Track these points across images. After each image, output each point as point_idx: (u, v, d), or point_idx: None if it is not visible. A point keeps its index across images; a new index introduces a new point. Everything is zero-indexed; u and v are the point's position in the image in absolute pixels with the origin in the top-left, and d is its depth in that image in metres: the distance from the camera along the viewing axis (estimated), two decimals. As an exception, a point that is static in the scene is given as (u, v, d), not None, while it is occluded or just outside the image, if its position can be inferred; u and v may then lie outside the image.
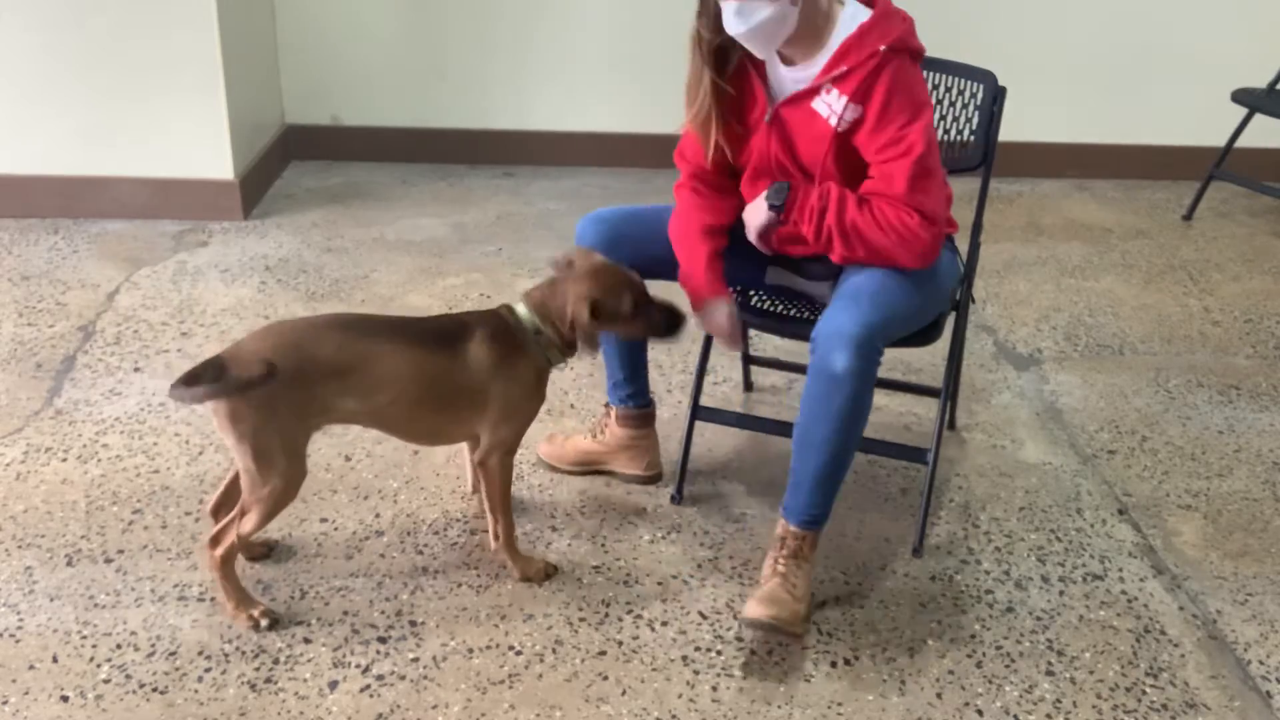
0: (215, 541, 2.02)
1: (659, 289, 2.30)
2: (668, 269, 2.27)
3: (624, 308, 2.09)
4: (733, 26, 2.02)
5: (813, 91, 2.08)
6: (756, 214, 2.15)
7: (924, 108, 2.05)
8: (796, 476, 2.12)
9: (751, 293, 2.38)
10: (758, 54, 2.10)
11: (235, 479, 2.08)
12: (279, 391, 1.90)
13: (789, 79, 2.12)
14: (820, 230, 2.07)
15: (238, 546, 2.02)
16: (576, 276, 2.08)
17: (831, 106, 2.06)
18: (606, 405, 2.54)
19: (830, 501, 2.13)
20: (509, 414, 2.10)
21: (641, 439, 2.51)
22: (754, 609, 2.02)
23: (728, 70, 2.13)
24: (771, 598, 2.05)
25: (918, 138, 2.02)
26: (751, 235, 2.19)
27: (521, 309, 2.11)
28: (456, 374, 2.05)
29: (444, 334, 2.07)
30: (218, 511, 2.14)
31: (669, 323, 2.15)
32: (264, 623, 2.05)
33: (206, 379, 1.88)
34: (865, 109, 2.04)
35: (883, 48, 2.01)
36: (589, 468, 2.54)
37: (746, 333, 2.53)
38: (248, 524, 1.98)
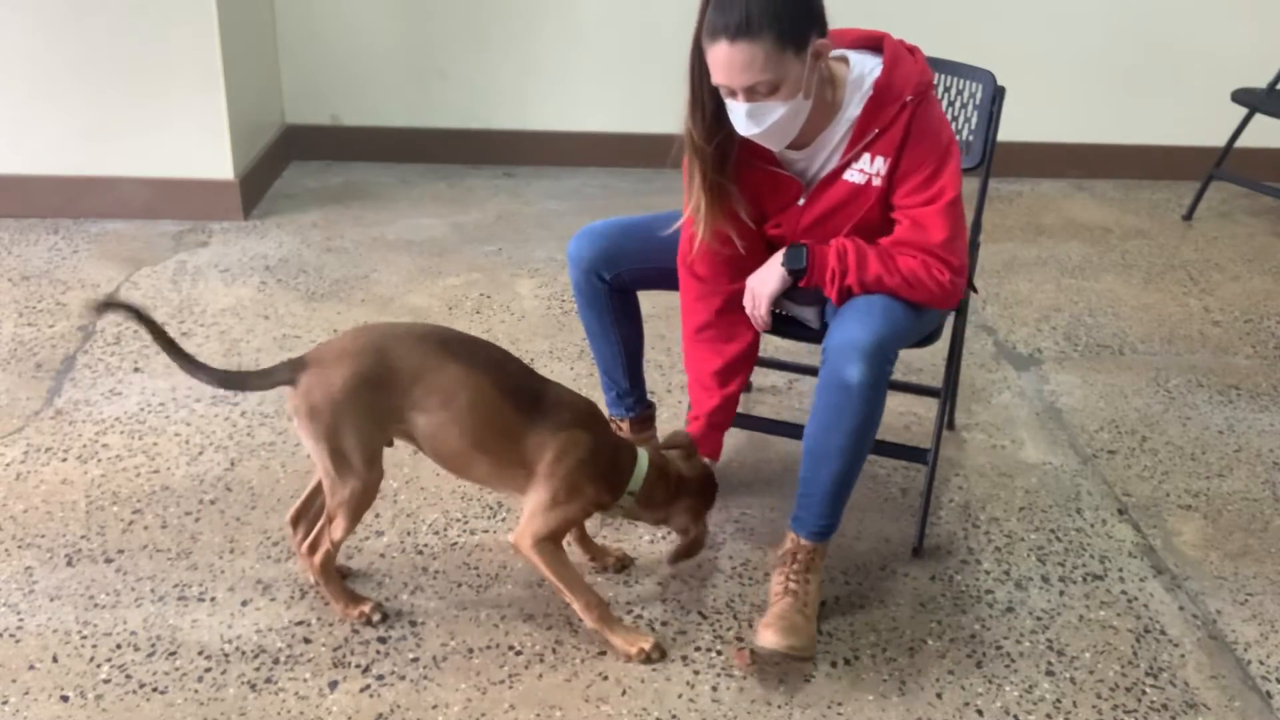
0: (312, 549, 2.05)
1: (660, 299, 2.33)
2: (669, 280, 2.23)
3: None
4: (744, 128, 1.93)
5: (845, 165, 2.02)
6: (769, 281, 2.07)
7: (951, 146, 1.99)
8: (807, 487, 2.08)
9: None
10: (769, 147, 2.02)
11: (316, 488, 2.10)
12: (356, 393, 1.89)
13: (816, 157, 2.05)
14: (842, 293, 2.02)
15: (333, 552, 2.03)
16: (693, 488, 2.11)
17: (866, 170, 2.00)
18: (610, 419, 2.48)
19: (840, 512, 2.11)
20: (546, 510, 1.98)
21: (645, 441, 2.50)
22: (770, 637, 1.97)
23: (729, 166, 2.03)
24: (787, 625, 1.99)
25: (948, 182, 1.97)
26: (762, 307, 2.10)
27: (643, 463, 2.05)
28: (517, 431, 1.96)
29: (532, 391, 1.99)
30: (296, 521, 2.15)
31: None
32: (375, 617, 2.08)
33: (280, 376, 1.93)
34: (897, 159, 1.98)
35: (909, 98, 1.95)
36: None
37: None
38: (336, 530, 2.00)
